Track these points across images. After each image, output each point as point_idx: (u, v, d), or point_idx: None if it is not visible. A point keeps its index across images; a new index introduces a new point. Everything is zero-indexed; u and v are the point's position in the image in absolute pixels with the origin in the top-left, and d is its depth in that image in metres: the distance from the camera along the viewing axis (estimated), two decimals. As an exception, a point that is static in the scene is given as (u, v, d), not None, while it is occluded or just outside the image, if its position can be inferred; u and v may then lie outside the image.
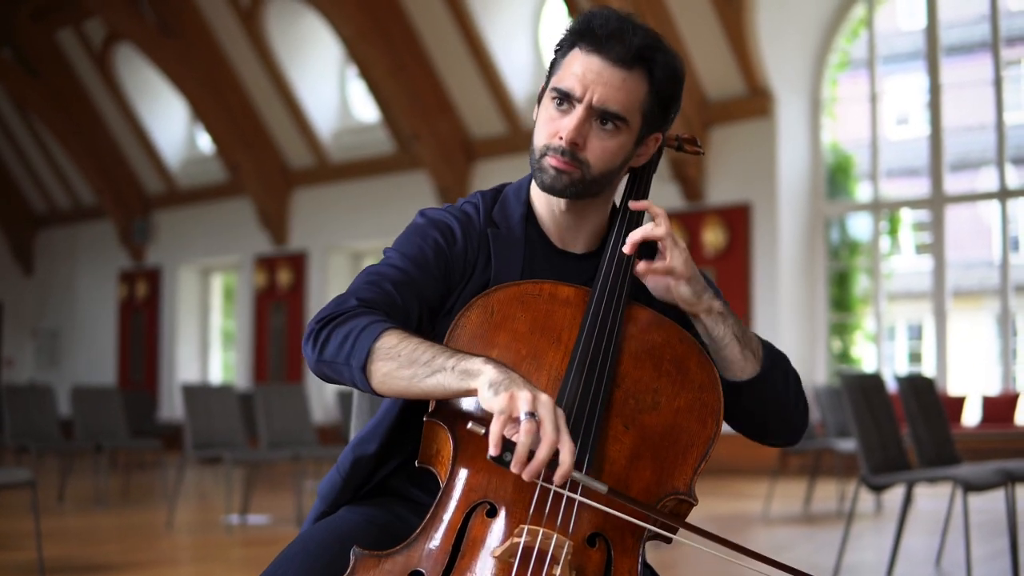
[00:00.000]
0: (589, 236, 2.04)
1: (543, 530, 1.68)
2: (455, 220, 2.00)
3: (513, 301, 1.87)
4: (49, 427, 9.78)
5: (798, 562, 6.56)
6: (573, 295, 1.90)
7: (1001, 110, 13.97)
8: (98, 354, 21.84)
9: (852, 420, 5.34)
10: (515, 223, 2.01)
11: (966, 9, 21.07)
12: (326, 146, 18.05)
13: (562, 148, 1.90)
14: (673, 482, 1.79)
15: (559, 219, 2.01)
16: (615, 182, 2.01)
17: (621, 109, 1.90)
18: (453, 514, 1.73)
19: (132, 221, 21.09)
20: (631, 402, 1.82)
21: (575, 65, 1.91)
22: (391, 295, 1.87)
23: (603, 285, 1.89)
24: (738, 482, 12.37)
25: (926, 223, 17.56)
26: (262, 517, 8.67)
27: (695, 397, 1.84)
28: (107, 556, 6.73)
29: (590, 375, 1.79)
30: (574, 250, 2.03)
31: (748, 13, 13.56)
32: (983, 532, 7.41)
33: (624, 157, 1.96)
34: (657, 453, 1.79)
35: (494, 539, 1.69)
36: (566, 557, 1.66)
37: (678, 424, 1.82)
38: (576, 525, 1.71)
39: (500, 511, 1.72)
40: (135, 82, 20.09)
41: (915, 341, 24.20)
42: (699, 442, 1.82)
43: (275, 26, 17.40)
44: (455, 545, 1.70)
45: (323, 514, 2.00)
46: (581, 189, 1.93)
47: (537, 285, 1.90)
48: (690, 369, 1.87)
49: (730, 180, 14.24)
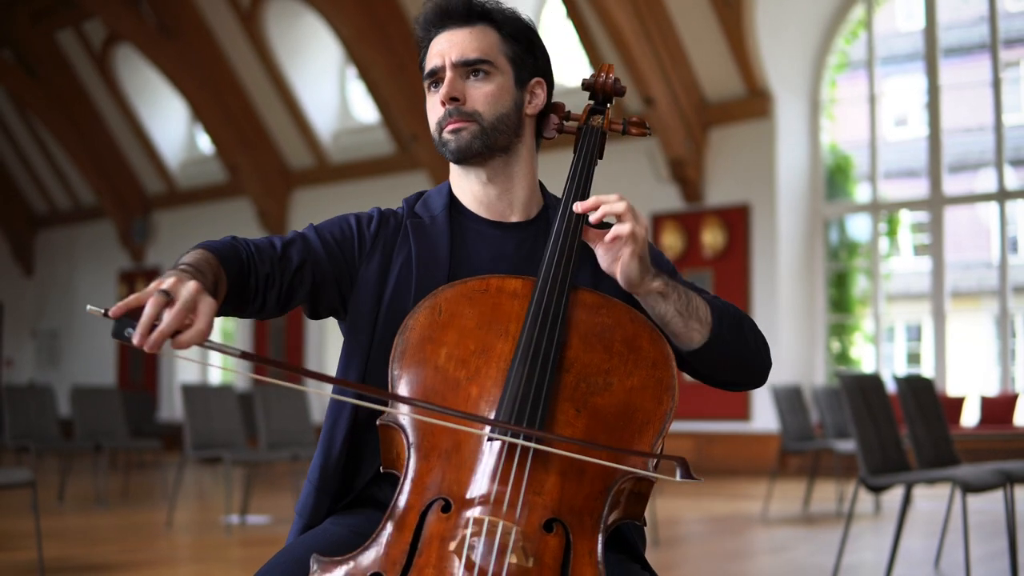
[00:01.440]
0: (522, 204, 2.09)
1: (489, 519, 1.68)
2: (378, 212, 2.10)
3: (460, 299, 1.89)
4: (49, 427, 9.78)
5: (798, 563, 6.58)
6: (520, 287, 1.91)
7: (1000, 111, 13.98)
8: (98, 354, 21.84)
9: (851, 421, 5.34)
10: (438, 213, 2.08)
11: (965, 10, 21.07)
12: (325, 147, 18.07)
13: (448, 110, 1.99)
14: (631, 461, 1.78)
15: (486, 193, 2.07)
16: (521, 133, 2.06)
17: (480, 54, 2.00)
18: (409, 513, 1.73)
19: (132, 221, 21.10)
20: (582, 386, 1.82)
21: (432, 50, 2.04)
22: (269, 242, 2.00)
23: (546, 273, 1.90)
24: (737, 483, 12.37)
25: (925, 224, 17.55)
26: (261, 517, 8.67)
27: (648, 374, 1.84)
28: (107, 556, 6.73)
29: (534, 362, 1.79)
30: (512, 219, 2.08)
31: (747, 14, 13.57)
32: (982, 533, 7.42)
33: (511, 99, 2.03)
34: (612, 433, 1.79)
35: (450, 534, 1.69)
36: (515, 544, 1.65)
37: (632, 403, 1.82)
38: (527, 512, 1.70)
39: (454, 506, 1.72)
40: (135, 83, 20.10)
41: (914, 342, 24.20)
42: (655, 419, 1.81)
43: (275, 27, 17.41)
44: (412, 544, 1.70)
45: (303, 529, 2.00)
46: (486, 140, 2.00)
47: (483, 281, 1.92)
48: (642, 347, 1.87)
49: (729, 181, 14.25)
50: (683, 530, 8.41)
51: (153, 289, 1.60)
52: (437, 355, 1.83)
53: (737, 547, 7.57)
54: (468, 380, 1.81)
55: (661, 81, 13.69)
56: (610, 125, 2.13)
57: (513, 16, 2.06)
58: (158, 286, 1.61)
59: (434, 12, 2.05)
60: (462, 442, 1.77)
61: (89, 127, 20.66)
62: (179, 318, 1.59)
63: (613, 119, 2.14)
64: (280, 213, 18.70)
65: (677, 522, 8.68)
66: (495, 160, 2.04)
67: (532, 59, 2.07)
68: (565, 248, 1.92)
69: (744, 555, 7.23)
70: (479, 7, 2.03)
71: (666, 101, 13.78)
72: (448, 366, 1.82)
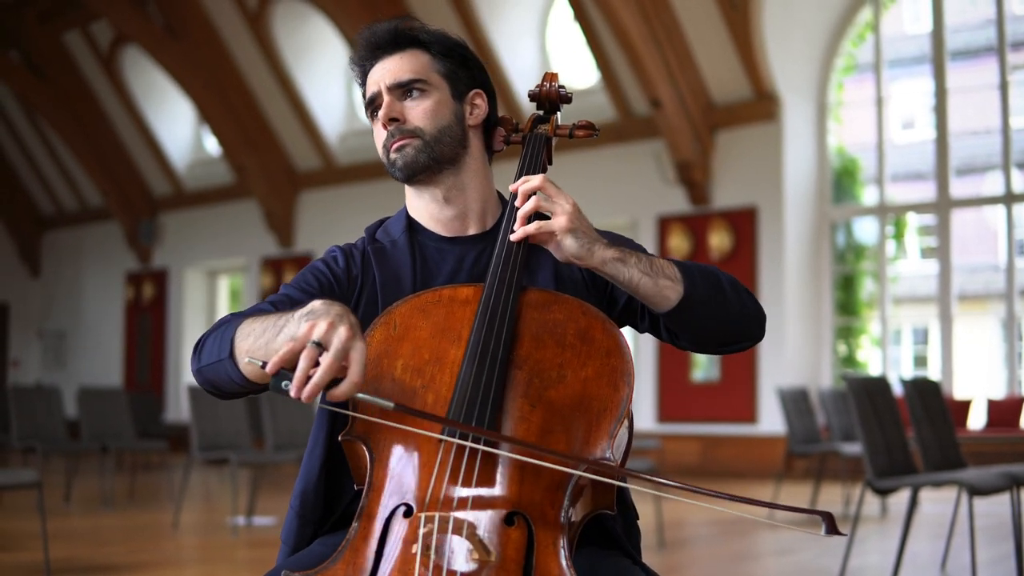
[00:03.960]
0: (478, 216, 2.13)
1: (447, 516, 1.70)
2: (339, 250, 2.14)
3: (414, 312, 1.93)
4: (55, 428, 9.79)
5: (804, 566, 6.58)
6: (472, 294, 1.95)
7: (1007, 114, 13.96)
8: (104, 355, 21.87)
9: (857, 424, 5.34)
10: (398, 236, 2.12)
11: (972, 13, 21.07)
12: (332, 148, 18.08)
13: (389, 131, 2.06)
14: (589, 449, 1.79)
15: (442, 211, 2.11)
16: (467, 144, 2.10)
17: (412, 74, 2.07)
18: (372, 521, 1.75)
19: (139, 223, 21.12)
20: (535, 381, 1.84)
21: (368, 81, 2.12)
22: (268, 310, 1.95)
23: (493, 276, 1.93)
24: (743, 485, 12.36)
25: (932, 227, 17.54)
26: (268, 519, 8.68)
27: (603, 363, 1.86)
28: (113, 557, 6.74)
29: (482, 362, 1.82)
30: (469, 232, 2.12)
31: (754, 17, 13.57)
32: (988, 536, 7.41)
33: (451, 112, 2.08)
34: (568, 424, 1.81)
35: (412, 537, 1.70)
36: (473, 537, 1.67)
37: (587, 392, 1.83)
38: (486, 507, 1.72)
39: (415, 509, 1.74)
40: (142, 84, 20.13)
41: (921, 345, 24.18)
42: (612, 406, 1.83)
43: (282, 28, 17.43)
44: (378, 551, 1.72)
45: (289, 554, 2.02)
46: (431, 153, 2.05)
47: (436, 292, 1.96)
48: (595, 338, 1.89)
49: (736, 184, 14.24)
50: (689, 532, 8.41)
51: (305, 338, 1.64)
52: (393, 367, 1.87)
53: (743, 549, 7.57)
54: (424, 388, 1.84)
55: (668, 84, 13.68)
56: (555, 131, 2.18)
57: (441, 35, 2.12)
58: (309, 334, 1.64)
59: (365, 47, 2.13)
60: (419, 446, 1.79)
61: (96, 128, 20.69)
62: (332, 370, 1.62)
63: (559, 125, 2.18)
64: (287, 215, 18.71)
65: (683, 524, 8.67)
66: (444, 175, 2.08)
67: (466, 72, 2.12)
68: (512, 251, 1.96)
69: (750, 557, 7.23)
70: (405, 33, 2.11)
71: (673, 104, 13.78)
72: (404, 377, 1.86)
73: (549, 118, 2.20)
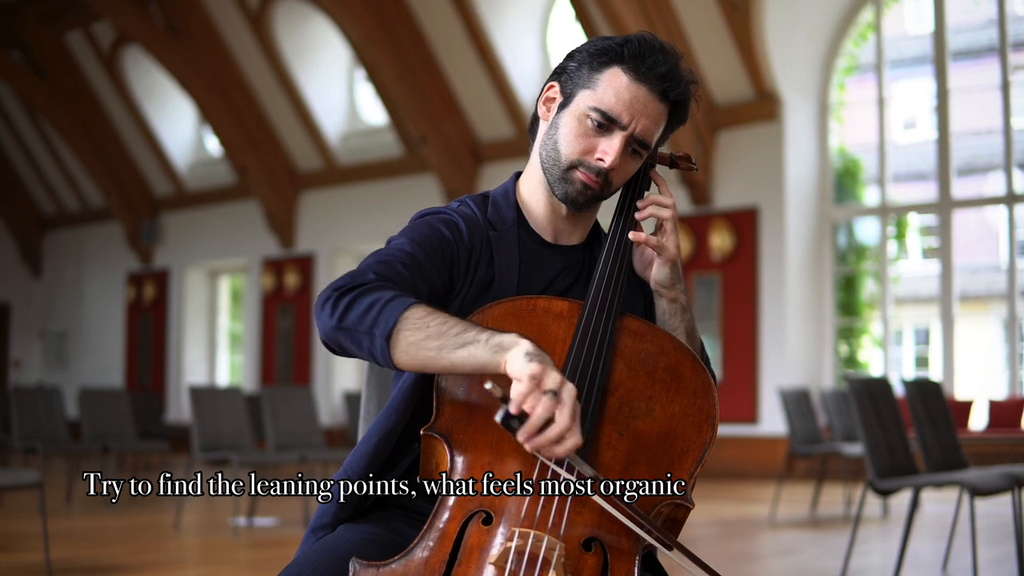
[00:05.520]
0: (583, 231, 2.11)
1: (534, 532, 1.70)
2: (459, 217, 2.03)
3: (508, 317, 1.90)
4: (57, 429, 9.79)
5: (805, 566, 6.57)
6: (567, 309, 1.93)
7: (1008, 114, 13.95)
8: (106, 356, 21.88)
9: (859, 424, 5.34)
10: (508, 226, 2.05)
11: (974, 14, 21.05)
12: (334, 149, 18.08)
13: (599, 169, 1.96)
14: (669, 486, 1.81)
15: (558, 221, 2.08)
16: None
17: (651, 140, 1.99)
18: (449, 524, 1.75)
19: (140, 223, 21.13)
20: (625, 409, 1.84)
21: (622, 91, 1.94)
22: (403, 275, 1.88)
23: (595, 298, 1.92)
24: (744, 486, 12.36)
25: (933, 227, 17.54)
26: (269, 519, 8.68)
27: (690, 403, 1.87)
28: (114, 557, 6.74)
29: (581, 384, 1.81)
30: (568, 243, 2.09)
31: (756, 18, 13.56)
32: (990, 536, 7.40)
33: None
34: (652, 458, 1.82)
35: (490, 546, 1.70)
36: (558, 559, 1.67)
37: (673, 430, 1.84)
38: (569, 528, 1.72)
39: (495, 518, 1.73)
40: (143, 84, 20.14)
41: (922, 345, 24.16)
42: (694, 447, 1.84)
43: (283, 29, 17.43)
44: (452, 554, 1.72)
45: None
46: (596, 202, 2.04)
47: (531, 301, 1.93)
48: (684, 376, 1.89)
49: (737, 184, 14.24)
50: (690, 533, 8.40)
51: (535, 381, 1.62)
52: None
53: (744, 550, 7.56)
54: None
55: (669, 84, 13.66)
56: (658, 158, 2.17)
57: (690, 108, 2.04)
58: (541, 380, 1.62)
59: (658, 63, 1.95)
60: (506, 455, 1.79)
61: (97, 128, 20.70)
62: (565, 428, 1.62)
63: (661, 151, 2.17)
64: (288, 215, 18.71)
65: (684, 525, 8.65)
66: None
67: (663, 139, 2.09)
68: (614, 274, 1.97)
69: (751, 558, 7.22)
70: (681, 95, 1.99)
71: (674, 104, 13.76)
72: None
73: None
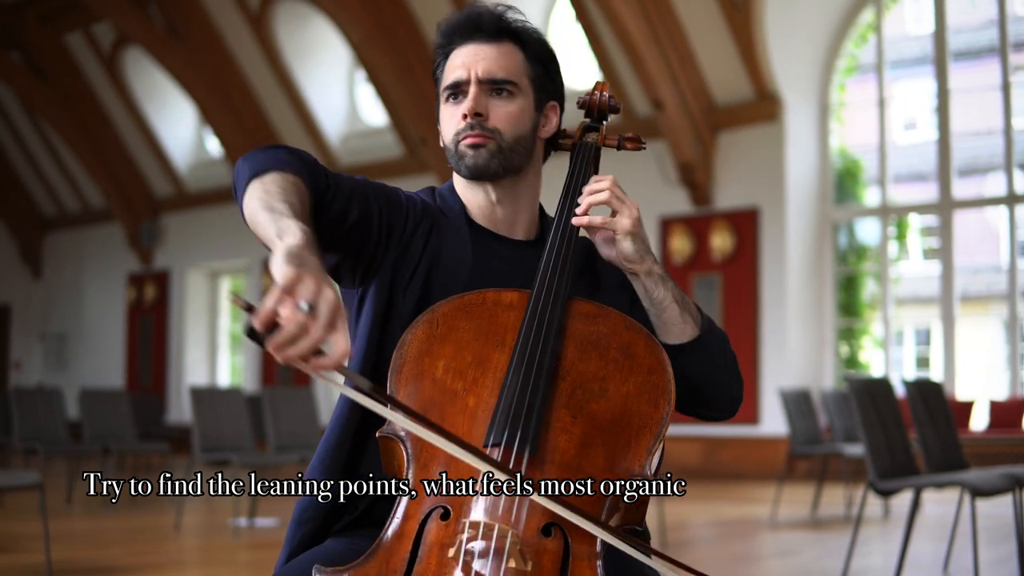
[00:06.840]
0: (525, 225, 2.10)
1: (485, 523, 1.69)
2: (419, 200, 2.08)
3: (457, 312, 1.91)
4: (57, 430, 9.79)
5: (806, 567, 6.57)
6: (516, 299, 1.93)
7: (1009, 115, 13.95)
8: (106, 357, 21.88)
9: (860, 425, 5.33)
10: (457, 214, 2.07)
11: (974, 14, 21.06)
12: (334, 150, 18.09)
13: (470, 123, 1.99)
14: (627, 465, 1.79)
15: (493, 210, 2.08)
16: (534, 155, 2.08)
17: (506, 74, 2.01)
18: (409, 522, 1.74)
19: (140, 224, 21.13)
20: (578, 393, 1.84)
21: (454, 62, 2.03)
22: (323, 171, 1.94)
23: (541, 284, 1.92)
24: (745, 486, 12.36)
25: (934, 228, 17.54)
26: (269, 520, 8.68)
27: (644, 380, 1.86)
28: (115, 558, 6.74)
29: (528, 370, 1.81)
30: (514, 236, 2.09)
31: (756, 18, 13.56)
32: (991, 537, 7.41)
33: (530, 122, 2.04)
34: (608, 438, 1.81)
35: (449, 541, 1.69)
36: (512, 546, 1.66)
37: (628, 408, 1.83)
38: (525, 516, 1.71)
39: (452, 512, 1.72)
40: (144, 85, 20.14)
41: (923, 346, 24.15)
42: (652, 423, 1.83)
43: (283, 30, 17.44)
44: (412, 552, 1.71)
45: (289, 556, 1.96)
46: (503, 160, 2.01)
47: (480, 294, 1.93)
48: (638, 354, 1.89)
49: (738, 185, 14.24)
50: (691, 534, 8.40)
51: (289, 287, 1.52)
52: (435, 367, 1.85)
53: (745, 551, 7.56)
54: (465, 391, 1.83)
55: (670, 84, 13.68)
56: (604, 141, 2.18)
57: (539, 38, 2.07)
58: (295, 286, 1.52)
59: (463, 22, 2.04)
60: None
61: (98, 129, 20.70)
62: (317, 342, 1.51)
63: (608, 135, 2.19)
64: (288, 216, 18.69)
65: (685, 526, 8.67)
66: (505, 180, 2.05)
67: (551, 83, 2.10)
68: (559, 260, 1.95)
69: (752, 559, 7.22)
70: (510, 25, 2.04)
71: (675, 104, 13.78)
72: (446, 378, 1.84)
73: (599, 127, 2.20)
